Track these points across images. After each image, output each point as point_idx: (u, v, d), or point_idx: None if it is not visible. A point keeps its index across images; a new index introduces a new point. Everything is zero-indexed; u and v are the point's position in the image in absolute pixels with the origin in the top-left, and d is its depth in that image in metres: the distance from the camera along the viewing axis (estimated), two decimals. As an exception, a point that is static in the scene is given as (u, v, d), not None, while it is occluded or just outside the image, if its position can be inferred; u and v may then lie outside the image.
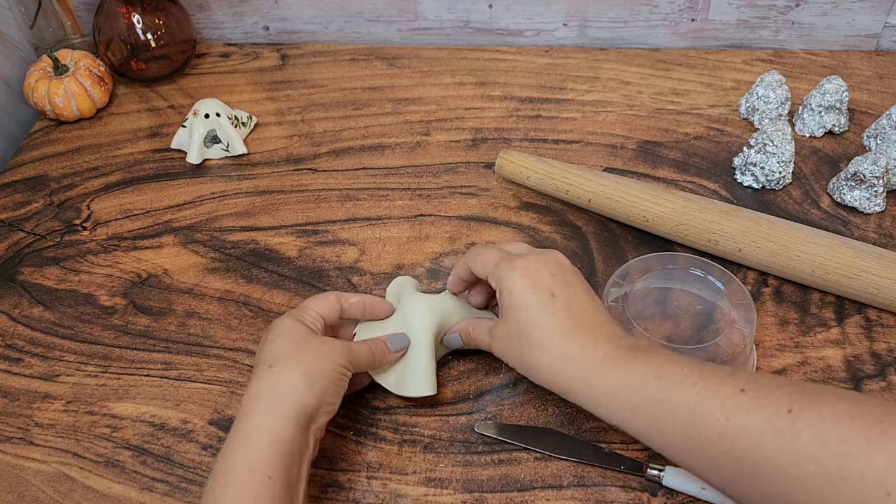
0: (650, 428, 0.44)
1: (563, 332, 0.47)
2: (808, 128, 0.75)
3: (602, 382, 0.45)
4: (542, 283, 0.48)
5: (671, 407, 0.42)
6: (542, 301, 0.48)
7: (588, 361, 0.46)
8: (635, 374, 0.44)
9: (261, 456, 0.44)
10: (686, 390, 0.42)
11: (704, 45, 0.88)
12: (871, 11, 0.83)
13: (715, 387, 0.41)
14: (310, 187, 0.73)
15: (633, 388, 0.44)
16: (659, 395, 0.43)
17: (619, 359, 0.46)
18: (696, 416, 0.41)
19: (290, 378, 0.48)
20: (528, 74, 0.84)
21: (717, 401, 0.41)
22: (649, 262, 0.58)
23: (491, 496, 0.51)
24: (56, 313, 0.64)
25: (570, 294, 0.48)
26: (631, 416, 0.44)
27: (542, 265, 0.49)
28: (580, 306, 0.48)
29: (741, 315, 0.54)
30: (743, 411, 0.40)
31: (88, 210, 0.73)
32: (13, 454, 0.55)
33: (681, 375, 0.43)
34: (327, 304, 0.55)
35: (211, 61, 0.89)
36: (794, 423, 0.38)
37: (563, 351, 0.47)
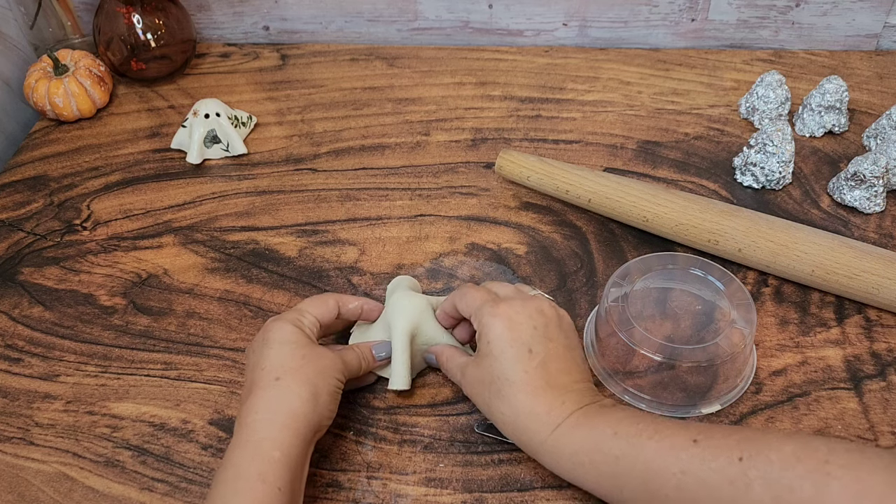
0: (611, 486, 0.45)
1: (534, 391, 0.47)
2: (808, 128, 0.75)
3: (562, 442, 0.46)
4: (521, 336, 0.48)
5: (629, 463, 0.43)
6: (518, 356, 0.48)
7: (551, 421, 0.46)
8: (595, 433, 0.45)
9: (272, 468, 0.45)
10: (642, 444, 0.43)
11: (704, 45, 0.88)
12: (871, 11, 0.83)
13: (669, 439, 0.42)
14: (310, 187, 0.73)
15: (592, 445, 0.45)
16: (616, 452, 0.44)
17: (581, 417, 0.46)
18: (654, 470, 0.42)
19: (298, 394, 0.48)
20: (528, 74, 0.84)
21: (673, 454, 0.42)
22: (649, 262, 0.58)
23: (491, 496, 0.51)
24: (56, 313, 0.64)
25: (547, 351, 0.48)
26: (592, 474, 0.45)
27: (526, 316, 0.49)
28: (556, 364, 0.48)
29: (741, 315, 0.54)
30: (697, 463, 0.41)
31: (88, 210, 0.73)
32: (13, 454, 0.55)
33: (637, 430, 0.44)
34: (326, 308, 0.55)
35: (211, 61, 0.89)
36: (746, 472, 0.39)
37: (529, 409, 0.47)
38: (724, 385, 0.54)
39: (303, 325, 0.53)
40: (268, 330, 0.52)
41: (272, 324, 0.52)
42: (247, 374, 0.52)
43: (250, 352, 0.53)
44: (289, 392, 0.48)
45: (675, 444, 0.42)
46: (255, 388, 0.49)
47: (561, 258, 0.66)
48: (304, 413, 0.48)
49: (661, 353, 0.52)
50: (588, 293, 0.63)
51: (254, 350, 0.52)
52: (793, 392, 0.55)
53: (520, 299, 0.51)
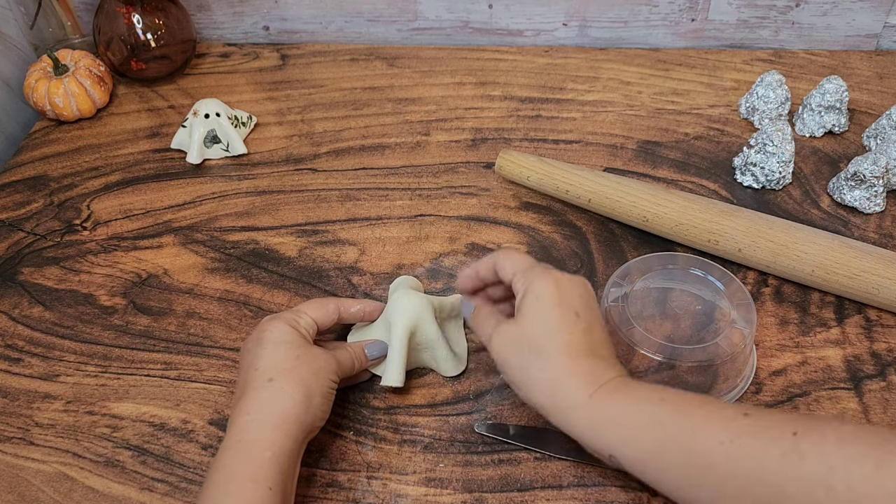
0: (651, 452, 0.43)
1: (576, 353, 0.46)
2: (808, 128, 0.75)
3: (602, 404, 0.45)
4: (570, 300, 0.48)
5: (673, 429, 0.42)
6: (566, 317, 0.47)
7: (591, 383, 0.45)
8: (639, 397, 0.44)
9: (264, 469, 0.45)
10: (689, 412, 0.42)
11: (704, 45, 0.88)
12: (871, 11, 0.83)
13: (718, 410, 0.41)
14: (310, 187, 0.73)
15: (634, 411, 0.44)
16: (660, 417, 0.43)
17: (623, 384, 0.45)
18: (699, 439, 0.41)
19: (291, 395, 0.48)
20: (528, 74, 0.84)
21: (721, 423, 0.40)
22: (649, 262, 0.58)
23: (491, 496, 0.51)
24: (56, 313, 0.64)
25: (592, 320, 0.48)
26: (632, 440, 0.44)
27: (574, 284, 0.49)
28: (599, 335, 0.48)
29: (741, 315, 0.54)
30: (748, 433, 0.39)
31: (88, 210, 0.73)
32: (13, 454, 0.55)
33: (684, 400, 0.43)
34: (325, 312, 0.55)
35: (211, 61, 0.89)
36: (800, 445, 0.37)
37: (569, 369, 0.46)
38: (724, 385, 0.54)
39: (298, 326, 0.53)
40: (262, 330, 0.52)
41: (267, 323, 0.52)
42: (240, 374, 0.51)
43: (244, 351, 0.52)
44: (282, 393, 0.48)
45: (724, 416, 0.41)
46: (247, 389, 0.49)
47: (561, 258, 0.66)
48: (296, 414, 0.48)
49: (662, 353, 0.52)
50: (588, 293, 0.63)
51: (248, 350, 0.52)
52: (793, 392, 0.55)
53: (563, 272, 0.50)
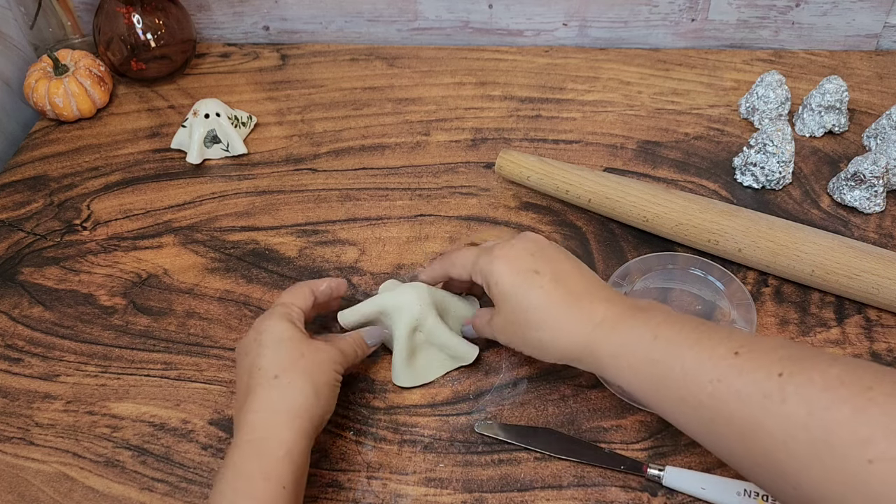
0: (648, 389, 0.44)
1: (557, 303, 0.47)
2: (808, 128, 0.75)
3: (603, 345, 0.46)
4: (523, 264, 0.49)
5: (666, 369, 0.43)
6: (528, 281, 0.48)
7: (586, 325, 0.46)
8: (634, 335, 0.45)
9: (276, 466, 0.45)
10: (682, 352, 0.42)
11: (704, 45, 0.88)
12: (871, 11, 0.83)
13: (710, 349, 0.42)
14: (310, 187, 0.73)
15: (631, 349, 0.44)
16: (655, 356, 0.43)
17: (617, 319, 0.46)
18: (690, 378, 0.41)
19: (301, 389, 0.48)
20: (528, 74, 0.84)
21: (711, 363, 0.41)
22: (649, 262, 0.58)
23: (491, 496, 0.51)
24: (56, 313, 0.64)
25: (553, 267, 0.49)
26: (632, 378, 0.45)
27: (521, 249, 0.50)
28: (568, 275, 0.49)
29: (741, 315, 0.54)
30: (735, 374, 0.40)
31: (88, 210, 0.73)
32: (13, 454, 0.55)
33: (678, 336, 0.43)
34: (304, 297, 0.55)
35: (211, 61, 0.89)
36: (784, 386, 0.38)
37: (560, 321, 0.47)
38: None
39: (293, 320, 0.52)
40: (260, 330, 0.52)
41: (264, 323, 0.52)
42: (240, 376, 0.51)
43: (242, 353, 0.52)
44: (290, 388, 0.48)
45: (714, 355, 0.41)
46: (253, 388, 0.48)
47: (561, 258, 0.66)
48: (306, 408, 0.48)
49: (661, 353, 0.52)
50: (588, 293, 0.63)
51: (246, 351, 0.51)
52: (793, 392, 0.55)
53: (508, 239, 0.52)
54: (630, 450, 0.53)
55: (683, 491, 0.51)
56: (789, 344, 0.41)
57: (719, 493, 0.49)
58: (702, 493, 0.50)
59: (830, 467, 0.35)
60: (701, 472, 0.51)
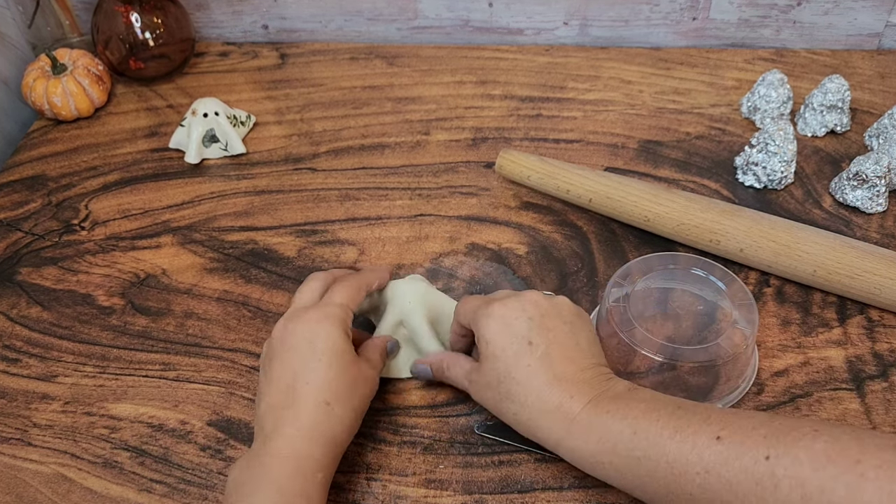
0: (634, 484, 0.44)
1: (540, 387, 0.46)
2: (810, 127, 0.75)
3: (579, 442, 0.45)
4: (518, 330, 0.48)
5: (651, 465, 0.42)
6: (519, 351, 0.47)
7: (564, 418, 0.46)
8: (612, 433, 0.44)
9: (316, 490, 0.45)
10: (663, 444, 0.42)
11: (706, 44, 0.87)
12: (872, 10, 0.83)
13: (692, 438, 0.41)
14: (309, 187, 0.73)
15: (610, 447, 0.44)
16: (637, 453, 0.43)
17: (596, 413, 0.45)
18: (677, 471, 0.41)
19: (344, 421, 0.48)
20: (529, 73, 0.84)
21: (696, 454, 0.41)
22: (650, 262, 0.58)
23: (491, 497, 0.51)
24: (54, 313, 0.64)
25: (548, 341, 0.48)
26: (614, 474, 0.44)
27: (520, 310, 0.48)
28: (560, 353, 0.48)
29: (743, 315, 0.54)
30: (721, 463, 0.40)
31: (87, 210, 0.73)
32: (11, 455, 0.55)
33: (657, 428, 0.43)
34: (358, 299, 0.54)
35: (210, 60, 0.88)
36: (774, 470, 0.38)
37: (539, 406, 0.46)
38: (725, 386, 0.54)
39: (348, 329, 0.51)
40: (315, 334, 0.49)
41: (319, 326, 0.50)
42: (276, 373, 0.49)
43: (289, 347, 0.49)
44: (337, 420, 0.48)
45: (697, 443, 0.41)
46: (301, 403, 0.47)
47: (562, 258, 0.66)
48: (345, 440, 0.49)
49: (663, 353, 0.52)
50: (589, 293, 0.63)
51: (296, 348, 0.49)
52: (794, 393, 0.55)
53: (513, 296, 0.50)
54: (631, 451, 0.53)
55: (685, 492, 0.50)
56: (768, 419, 0.41)
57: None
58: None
59: None
60: (702, 474, 0.50)
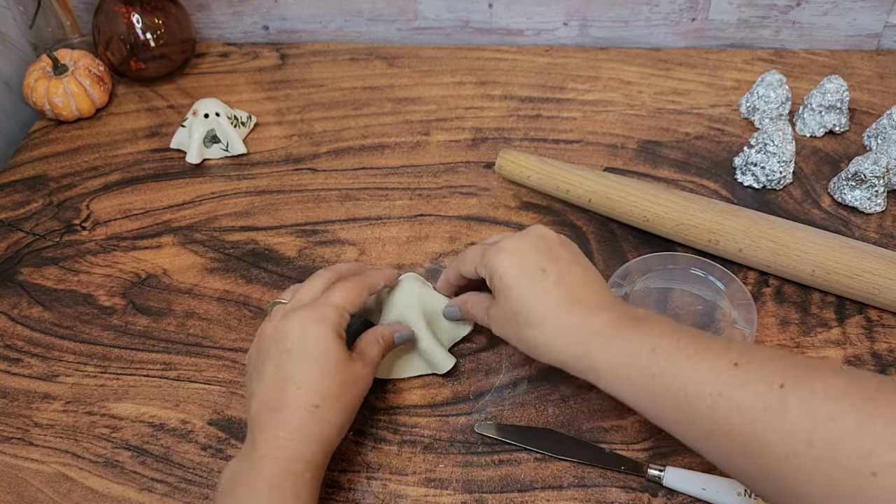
0: (646, 402, 0.44)
1: (558, 307, 0.47)
2: (809, 127, 0.75)
3: (599, 355, 0.45)
4: (529, 260, 0.48)
5: (665, 381, 0.42)
6: (533, 279, 0.48)
7: (584, 334, 0.46)
8: (632, 347, 0.44)
9: (305, 488, 0.46)
10: (680, 364, 0.42)
11: (705, 44, 0.88)
12: (871, 11, 0.83)
13: (709, 360, 0.41)
14: (309, 187, 0.73)
15: (628, 361, 0.44)
16: (653, 369, 0.43)
17: (616, 328, 0.45)
18: (689, 390, 0.41)
19: (334, 425, 0.48)
20: (529, 74, 0.84)
21: (710, 375, 0.40)
22: (650, 262, 0.58)
23: (491, 497, 0.51)
24: (55, 313, 0.64)
25: (560, 267, 0.48)
26: (628, 390, 0.44)
27: (528, 242, 0.49)
28: (573, 278, 0.48)
29: (742, 315, 0.54)
30: (735, 386, 0.39)
31: (88, 210, 0.73)
32: (12, 454, 0.55)
33: (676, 348, 0.42)
34: (359, 300, 0.53)
35: (210, 61, 0.89)
36: (786, 398, 0.37)
37: (558, 326, 0.46)
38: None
39: (342, 332, 0.51)
40: (307, 335, 0.49)
41: (311, 328, 0.49)
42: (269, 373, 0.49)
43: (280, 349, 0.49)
44: (326, 423, 0.48)
45: (713, 367, 0.41)
46: (289, 407, 0.47)
47: (561, 258, 0.66)
48: (335, 442, 0.49)
49: (662, 353, 0.52)
50: (588, 293, 0.63)
51: (287, 350, 0.49)
52: (793, 392, 0.55)
53: (517, 233, 0.51)
54: (630, 450, 0.53)
55: (683, 491, 0.51)
56: (789, 354, 0.41)
57: (719, 494, 0.49)
58: (702, 494, 0.50)
59: (835, 481, 0.35)
60: (701, 473, 0.51)
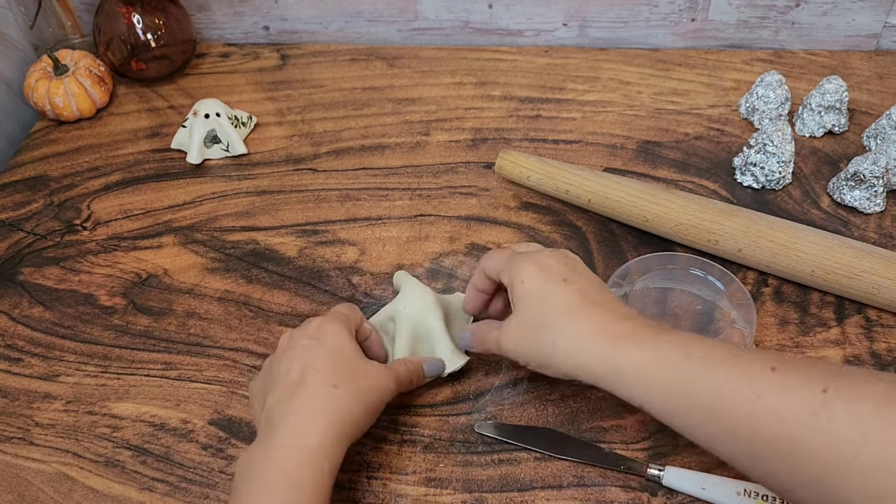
0: (678, 409, 0.42)
1: (580, 310, 0.46)
2: (808, 128, 0.75)
3: (626, 359, 0.44)
4: (553, 271, 0.48)
5: (698, 386, 0.41)
6: (555, 285, 0.48)
7: (609, 336, 0.45)
8: (664, 352, 0.43)
9: (323, 480, 0.44)
10: (715, 368, 0.40)
11: (704, 45, 0.88)
12: (870, 11, 0.83)
13: (745, 364, 0.40)
14: (310, 187, 0.73)
15: (660, 365, 0.42)
16: (687, 375, 0.41)
17: (643, 335, 0.44)
18: (725, 395, 0.39)
19: (353, 409, 0.47)
20: (528, 74, 0.84)
21: (746, 378, 0.39)
22: (649, 262, 0.58)
23: (491, 496, 0.51)
24: (56, 313, 0.64)
25: (581, 280, 0.48)
26: (658, 396, 0.43)
27: (553, 257, 0.50)
28: (594, 290, 0.48)
29: (741, 315, 0.54)
30: (774, 390, 0.38)
31: (88, 210, 0.73)
32: (13, 454, 0.55)
33: (710, 354, 0.41)
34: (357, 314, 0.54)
35: (211, 61, 0.89)
36: (830, 403, 0.36)
37: (580, 329, 0.46)
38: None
39: (352, 331, 0.51)
40: (323, 332, 0.50)
41: (324, 326, 0.50)
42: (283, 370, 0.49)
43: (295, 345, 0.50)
44: (345, 404, 0.47)
45: (750, 370, 0.39)
46: (307, 387, 0.47)
47: (561, 258, 0.66)
48: (353, 428, 0.47)
49: (661, 353, 0.52)
50: (588, 293, 0.63)
51: (302, 344, 0.49)
52: (793, 392, 0.55)
53: (544, 249, 0.51)
54: (630, 450, 0.53)
55: (683, 491, 0.51)
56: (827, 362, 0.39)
57: (719, 493, 0.49)
58: (702, 493, 0.50)
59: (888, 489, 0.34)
60: (701, 472, 0.51)
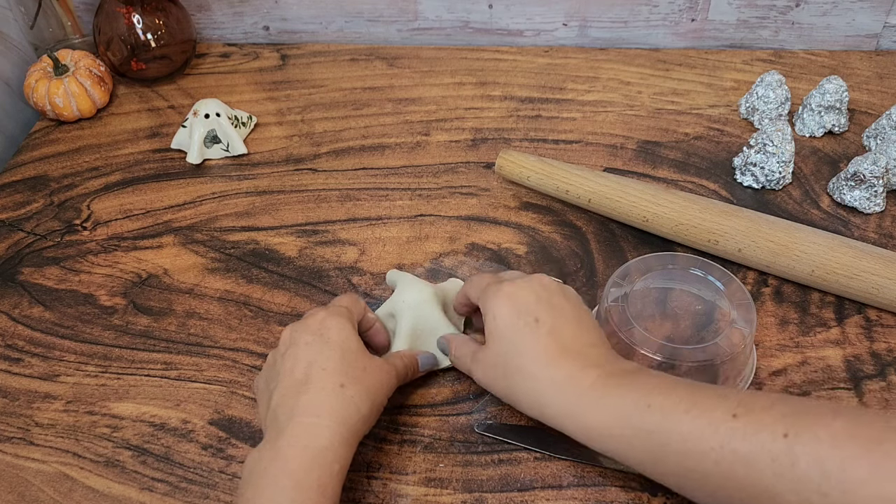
0: (645, 459, 0.43)
1: (549, 358, 0.46)
2: (808, 128, 0.75)
3: (591, 413, 0.44)
4: (526, 308, 0.48)
5: (664, 438, 0.42)
6: (526, 327, 0.47)
7: (575, 389, 0.45)
8: (626, 403, 0.43)
9: (332, 482, 0.44)
10: (678, 418, 0.41)
11: (704, 45, 0.88)
12: (870, 11, 0.83)
13: (708, 413, 0.41)
14: (310, 187, 0.73)
15: (623, 419, 0.43)
16: (650, 426, 0.42)
17: (606, 386, 0.45)
18: (690, 446, 0.40)
19: (360, 408, 0.48)
20: (528, 74, 0.84)
21: (711, 428, 0.40)
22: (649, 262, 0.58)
23: (491, 496, 0.51)
24: (56, 313, 0.64)
25: (555, 318, 0.48)
26: (625, 448, 0.44)
27: (528, 290, 0.49)
28: (567, 330, 0.48)
29: (741, 315, 0.54)
30: (738, 438, 0.39)
31: (88, 210, 0.73)
32: (13, 454, 0.55)
33: (672, 402, 0.42)
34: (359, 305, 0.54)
35: (211, 61, 0.89)
36: (792, 448, 0.37)
37: (548, 378, 0.46)
38: (724, 385, 0.54)
39: (355, 325, 0.52)
40: (327, 327, 0.50)
41: (328, 321, 0.50)
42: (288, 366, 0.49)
43: (299, 342, 0.50)
44: (353, 404, 0.47)
45: (713, 419, 0.40)
46: (314, 388, 0.47)
47: (561, 258, 0.66)
48: (361, 429, 0.48)
49: (661, 353, 0.52)
50: (588, 293, 0.63)
51: (306, 342, 0.49)
52: (793, 392, 0.55)
53: (522, 277, 0.51)
54: (630, 450, 0.53)
55: (683, 491, 0.51)
56: (785, 399, 0.40)
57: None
58: (702, 493, 0.50)
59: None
60: (701, 472, 0.51)
